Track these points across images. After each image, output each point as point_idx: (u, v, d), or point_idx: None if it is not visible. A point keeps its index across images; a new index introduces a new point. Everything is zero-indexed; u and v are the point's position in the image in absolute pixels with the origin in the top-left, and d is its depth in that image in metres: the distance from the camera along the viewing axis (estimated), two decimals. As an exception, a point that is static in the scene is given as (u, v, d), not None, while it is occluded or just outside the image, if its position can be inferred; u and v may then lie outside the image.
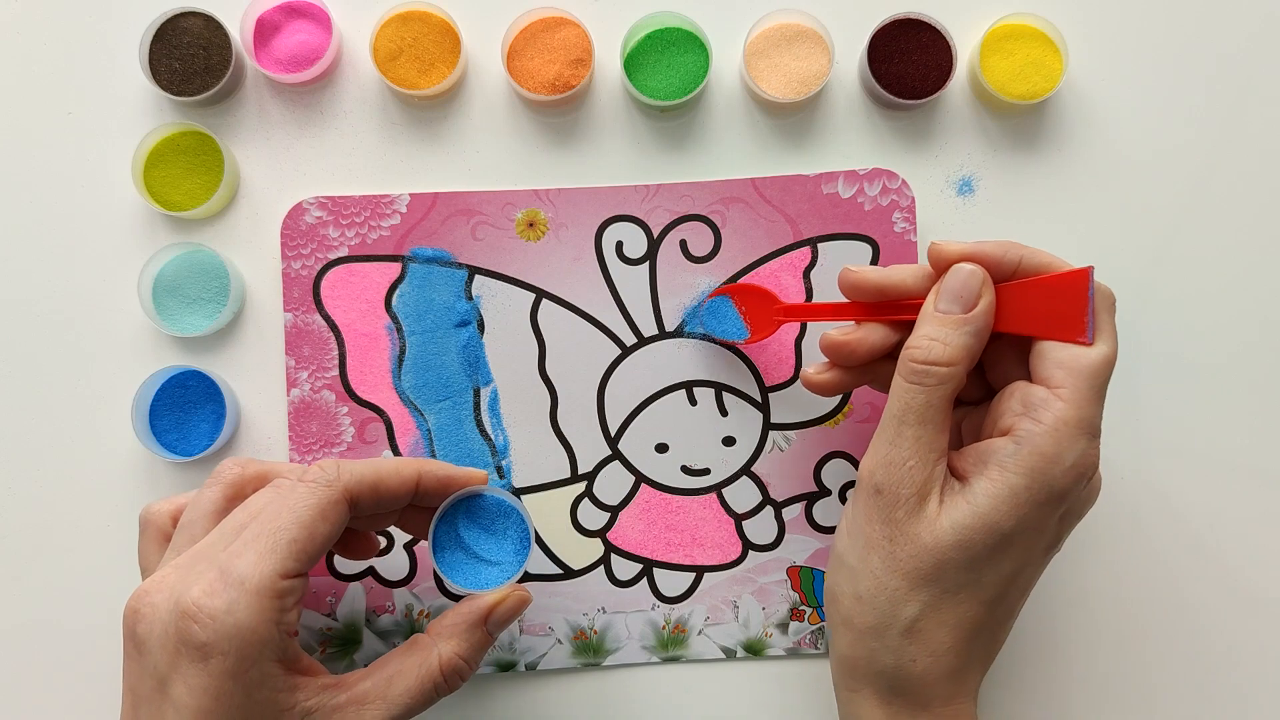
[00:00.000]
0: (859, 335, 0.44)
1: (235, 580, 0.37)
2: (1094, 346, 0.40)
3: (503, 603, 0.43)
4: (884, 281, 0.43)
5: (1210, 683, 0.51)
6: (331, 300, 0.51)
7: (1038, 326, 0.41)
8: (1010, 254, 0.41)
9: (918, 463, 0.39)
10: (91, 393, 0.51)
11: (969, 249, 0.42)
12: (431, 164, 0.52)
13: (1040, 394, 0.39)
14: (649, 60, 0.51)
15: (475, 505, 0.44)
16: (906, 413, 0.40)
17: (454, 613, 0.43)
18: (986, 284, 0.41)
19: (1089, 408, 0.39)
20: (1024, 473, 0.39)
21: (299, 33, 0.51)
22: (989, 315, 0.41)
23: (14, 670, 0.50)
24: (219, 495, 0.42)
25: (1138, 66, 0.53)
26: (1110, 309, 0.41)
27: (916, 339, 0.41)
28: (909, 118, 0.53)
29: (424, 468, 0.43)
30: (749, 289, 0.49)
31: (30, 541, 0.51)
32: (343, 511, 0.40)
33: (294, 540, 0.38)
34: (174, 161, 0.51)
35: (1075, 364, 0.39)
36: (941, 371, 0.40)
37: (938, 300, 0.41)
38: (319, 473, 0.40)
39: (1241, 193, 0.53)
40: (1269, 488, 0.52)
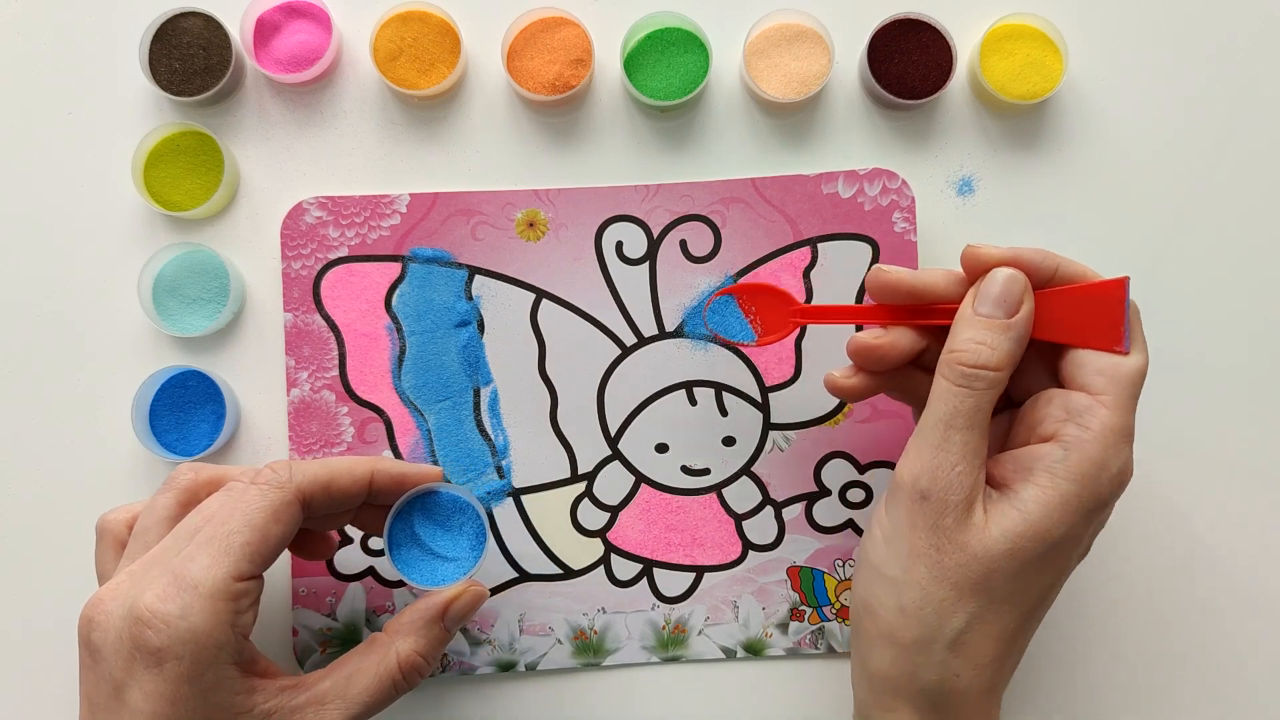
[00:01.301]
0: (890, 339, 0.43)
1: (188, 584, 0.37)
2: (1130, 356, 0.40)
3: (459, 598, 0.43)
4: (917, 284, 0.42)
5: (1210, 683, 0.51)
6: (331, 300, 0.51)
7: (1074, 335, 0.40)
8: (1048, 261, 0.41)
9: (966, 468, 0.39)
10: (91, 393, 0.51)
11: (1009, 253, 0.41)
12: (431, 164, 0.52)
13: (1084, 401, 0.39)
14: (649, 60, 0.51)
15: (431, 502, 0.44)
16: (955, 416, 0.39)
17: (411, 610, 0.43)
18: (1028, 289, 0.40)
19: (1129, 416, 0.39)
20: (1075, 479, 0.38)
21: (299, 33, 0.51)
22: (1030, 321, 0.40)
23: (14, 670, 0.50)
24: (172, 501, 0.42)
25: (1138, 66, 0.53)
26: (1139, 320, 0.41)
27: (961, 342, 0.40)
28: (909, 118, 0.53)
29: (377, 465, 0.43)
30: (762, 288, 0.46)
31: (30, 541, 0.51)
32: (295, 512, 0.40)
33: (247, 543, 0.38)
34: (174, 161, 0.51)
35: (1115, 372, 0.39)
36: (991, 376, 0.39)
37: (977, 304, 0.40)
38: (271, 474, 0.40)
39: (1241, 192, 0.53)
40: (1269, 488, 0.52)
